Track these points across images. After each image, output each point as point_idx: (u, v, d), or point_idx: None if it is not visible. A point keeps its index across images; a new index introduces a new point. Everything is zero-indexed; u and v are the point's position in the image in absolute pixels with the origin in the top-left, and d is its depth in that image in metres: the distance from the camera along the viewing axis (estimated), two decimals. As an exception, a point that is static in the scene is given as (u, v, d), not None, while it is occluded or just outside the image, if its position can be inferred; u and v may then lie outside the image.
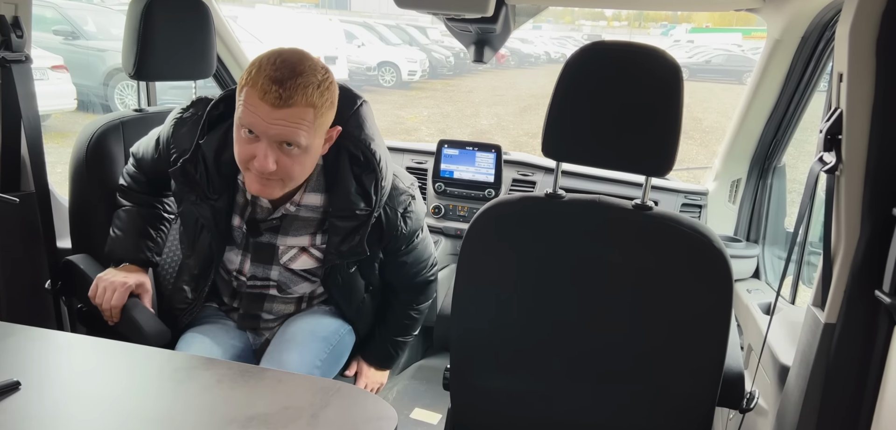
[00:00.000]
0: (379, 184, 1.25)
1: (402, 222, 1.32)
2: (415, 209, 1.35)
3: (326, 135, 1.19)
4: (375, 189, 1.24)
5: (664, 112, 1.02)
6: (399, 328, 1.50)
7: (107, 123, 1.44)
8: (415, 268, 1.43)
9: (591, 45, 1.07)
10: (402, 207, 1.31)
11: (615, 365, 1.11)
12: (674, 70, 1.02)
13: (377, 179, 1.24)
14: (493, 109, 10.88)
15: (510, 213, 1.13)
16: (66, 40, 7.08)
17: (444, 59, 14.05)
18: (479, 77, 14.29)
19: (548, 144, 1.09)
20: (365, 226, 1.26)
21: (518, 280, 1.13)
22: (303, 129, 1.11)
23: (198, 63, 1.56)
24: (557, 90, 1.07)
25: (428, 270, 1.48)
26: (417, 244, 1.41)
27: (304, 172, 1.18)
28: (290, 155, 1.12)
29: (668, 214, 1.08)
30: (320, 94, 1.11)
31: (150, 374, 0.94)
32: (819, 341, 1.05)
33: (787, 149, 1.89)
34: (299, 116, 1.09)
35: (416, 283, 1.46)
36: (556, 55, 17.80)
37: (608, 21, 28.85)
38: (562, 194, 1.13)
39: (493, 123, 9.75)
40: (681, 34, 23.35)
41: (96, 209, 1.43)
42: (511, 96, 12.36)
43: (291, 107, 1.09)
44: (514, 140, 8.53)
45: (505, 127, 9.48)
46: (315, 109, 1.11)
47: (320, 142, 1.18)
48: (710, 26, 24.42)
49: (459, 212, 2.13)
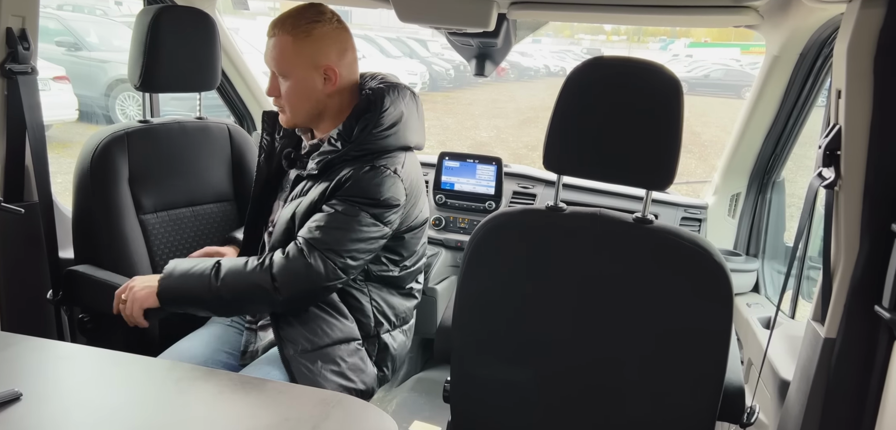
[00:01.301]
0: (367, 130, 1.26)
1: (351, 174, 1.24)
2: (374, 178, 1.24)
3: (323, 71, 1.28)
4: (365, 129, 1.26)
5: (665, 126, 1.03)
6: (225, 276, 1.23)
7: (111, 135, 1.45)
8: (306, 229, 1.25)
9: (592, 61, 1.09)
10: (368, 167, 1.25)
11: (615, 379, 1.11)
12: (674, 84, 1.03)
13: (368, 124, 1.26)
14: (493, 121, 10.92)
15: (512, 225, 1.14)
16: (69, 51, 7.10)
17: (445, 72, 14.11)
18: (479, 90, 14.34)
19: (549, 157, 1.10)
20: (326, 156, 1.28)
21: (519, 292, 1.13)
22: (284, 58, 1.28)
23: (203, 75, 1.57)
24: (559, 104, 1.08)
25: (310, 241, 1.22)
26: (336, 211, 1.23)
27: (299, 102, 1.30)
28: (283, 85, 1.30)
29: (668, 227, 1.09)
30: (295, 24, 1.26)
31: (151, 385, 0.95)
32: (819, 355, 1.05)
33: (786, 163, 1.90)
34: (279, 45, 1.28)
35: (292, 243, 1.25)
36: (556, 69, 17.87)
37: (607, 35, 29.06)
38: (563, 207, 1.13)
39: (492, 135, 9.78)
40: (679, 49, 23.48)
41: (99, 220, 1.43)
42: (511, 109, 12.40)
43: (273, 37, 1.29)
44: (514, 152, 8.55)
45: (504, 139, 9.50)
46: (293, 38, 1.26)
47: (310, 75, 1.28)
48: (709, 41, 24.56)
49: (460, 224, 2.14)
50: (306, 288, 1.24)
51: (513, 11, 1.58)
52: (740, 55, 18.50)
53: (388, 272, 1.39)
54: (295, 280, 1.23)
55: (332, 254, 1.24)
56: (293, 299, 1.26)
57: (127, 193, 1.45)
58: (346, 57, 1.32)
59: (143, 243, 1.48)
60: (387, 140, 1.29)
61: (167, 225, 1.54)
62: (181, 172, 1.57)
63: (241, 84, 2.16)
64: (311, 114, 1.33)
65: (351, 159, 1.28)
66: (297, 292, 1.25)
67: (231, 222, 1.66)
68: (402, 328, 1.46)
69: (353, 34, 1.36)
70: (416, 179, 1.36)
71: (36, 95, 1.41)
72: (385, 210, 1.27)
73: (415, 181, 1.35)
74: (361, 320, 1.36)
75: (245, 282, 1.24)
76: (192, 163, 1.59)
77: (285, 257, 1.24)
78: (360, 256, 1.28)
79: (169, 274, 1.27)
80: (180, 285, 1.26)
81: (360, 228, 1.25)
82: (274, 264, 1.24)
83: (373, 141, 1.28)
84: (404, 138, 1.32)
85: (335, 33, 1.30)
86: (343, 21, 1.33)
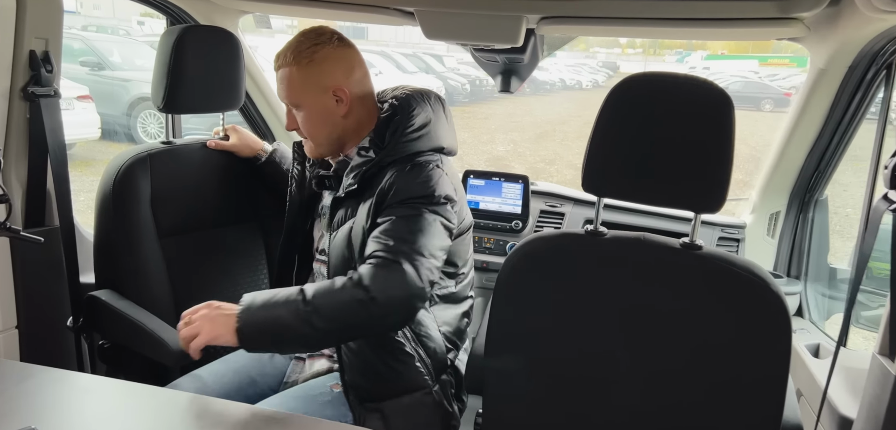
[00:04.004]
0: (398, 132, 1.22)
1: (395, 178, 1.18)
2: (420, 174, 1.17)
3: (333, 94, 1.24)
4: (396, 132, 1.22)
5: (715, 144, 0.97)
6: (315, 299, 1.09)
7: (134, 157, 1.42)
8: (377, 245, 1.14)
9: (635, 78, 1.03)
10: (408, 166, 1.19)
11: (663, 417, 1.03)
12: (724, 100, 0.97)
13: (399, 127, 1.22)
14: (510, 135, 10.87)
15: (549, 250, 1.08)
16: (93, 71, 7.23)
17: (460, 87, 14.13)
18: (495, 104, 14.32)
19: (589, 178, 1.04)
20: (361, 168, 1.23)
21: (558, 322, 1.07)
22: (292, 89, 1.24)
23: (228, 95, 1.54)
24: (600, 123, 1.02)
25: (391, 251, 1.12)
26: (398, 217, 1.15)
27: (317, 129, 1.27)
28: (298, 117, 1.27)
29: (719, 254, 1.02)
30: (297, 52, 1.22)
31: (172, 419, 0.90)
32: (890, 394, 0.96)
33: (830, 181, 1.82)
34: (285, 77, 1.25)
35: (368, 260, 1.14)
36: (572, 82, 17.80)
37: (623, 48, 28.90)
38: (603, 232, 1.07)
39: (509, 149, 9.72)
40: (696, 61, 23.25)
41: (120, 243, 1.40)
42: (527, 123, 12.36)
43: (278, 71, 1.26)
44: (532, 166, 8.49)
45: (521, 153, 9.44)
46: (297, 67, 1.23)
47: (320, 100, 1.24)
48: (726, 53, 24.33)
49: (485, 244, 2.08)
50: (403, 294, 1.11)
51: (542, 27, 1.53)
52: (758, 67, 18.29)
53: (447, 289, 1.31)
54: (390, 285, 1.09)
55: (416, 255, 1.12)
56: (390, 312, 1.12)
57: (148, 216, 1.41)
58: (353, 74, 1.26)
59: (163, 267, 1.44)
60: (420, 140, 1.24)
61: (188, 248, 1.49)
62: (203, 193, 1.53)
63: (263, 102, 2.13)
64: (332, 139, 1.29)
65: (388, 165, 1.23)
66: (395, 301, 1.11)
67: (255, 244, 1.62)
68: (464, 347, 1.39)
69: (368, 50, 1.33)
70: (456, 180, 1.29)
71: (58, 118, 1.39)
72: (441, 205, 1.18)
73: (456, 181, 1.29)
74: (431, 347, 1.27)
75: (338, 300, 1.08)
76: (215, 184, 1.55)
77: (373, 265, 1.11)
78: (439, 253, 1.16)
79: (248, 306, 1.10)
80: (264, 317, 1.08)
81: (427, 225, 1.15)
82: (363, 275, 1.10)
83: (406, 144, 1.23)
84: (437, 139, 1.27)
85: (337, 53, 1.25)
86: (345, 39, 1.27)
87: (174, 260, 1.46)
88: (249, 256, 1.60)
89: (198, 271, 1.51)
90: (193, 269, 1.50)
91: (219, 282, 1.53)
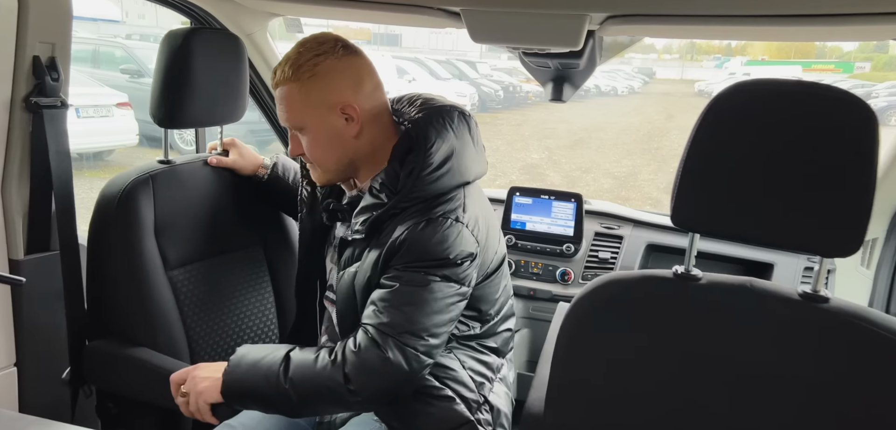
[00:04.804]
0: (414, 175, 1.04)
1: (407, 235, 1.03)
2: (435, 234, 1.02)
3: (340, 111, 1.07)
4: (411, 174, 1.04)
5: (854, 174, 0.76)
6: (295, 370, 1.03)
7: (135, 179, 1.25)
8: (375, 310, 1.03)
9: (744, 85, 0.82)
10: (424, 222, 1.03)
11: None
12: (867, 117, 0.76)
13: (415, 168, 1.04)
14: (544, 142, 10.63)
15: (629, 293, 0.88)
16: (132, 79, 7.34)
17: (493, 93, 13.99)
18: (528, 110, 14.09)
19: (681, 211, 0.85)
20: (371, 212, 1.06)
21: (639, 380, 0.87)
22: (293, 109, 1.08)
23: (231, 106, 1.38)
24: (695, 143, 0.82)
25: (381, 330, 1.01)
26: (402, 285, 1.02)
27: (324, 154, 1.11)
28: (303, 140, 1.11)
29: (851, 307, 0.81)
30: (297, 66, 1.06)
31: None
32: None
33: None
34: (285, 96, 1.09)
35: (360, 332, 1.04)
36: (607, 88, 17.45)
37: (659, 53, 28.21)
38: (697, 276, 0.87)
39: (544, 156, 9.48)
40: (736, 67, 22.49)
41: (124, 282, 1.23)
42: (562, 130, 12.10)
43: (277, 89, 1.10)
44: (567, 175, 8.24)
45: (556, 161, 9.19)
46: (298, 83, 1.07)
47: (326, 119, 1.08)
48: (766, 59, 23.50)
49: (532, 269, 1.87)
50: (387, 387, 1.02)
51: (606, 28, 1.33)
52: (802, 73, 17.57)
53: (469, 332, 1.16)
54: (372, 378, 1.01)
55: (410, 337, 1.01)
56: (373, 401, 1.07)
57: (154, 248, 1.25)
58: (363, 88, 1.09)
59: (174, 304, 1.27)
60: (440, 182, 1.05)
61: (196, 278, 1.33)
62: (207, 217, 1.37)
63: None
64: (342, 164, 1.12)
65: (400, 212, 1.05)
66: (377, 392, 1.03)
67: (259, 268, 1.46)
68: (500, 376, 1.23)
69: (402, 57, 1.17)
70: (482, 216, 1.11)
71: (64, 130, 1.24)
72: (457, 268, 1.03)
73: (481, 220, 1.10)
74: (460, 391, 1.13)
75: (314, 383, 1.03)
76: (218, 206, 1.39)
77: (357, 350, 1.02)
78: (443, 329, 1.04)
79: (236, 366, 1.06)
80: (245, 380, 1.06)
81: (433, 299, 1.02)
82: (346, 360, 1.02)
83: (423, 187, 1.04)
84: (461, 175, 1.08)
85: (343, 64, 1.08)
86: (352, 46, 1.10)
87: (183, 294, 1.30)
88: (255, 281, 1.45)
89: (207, 301, 1.35)
90: (202, 302, 1.34)
91: (228, 314, 1.38)
